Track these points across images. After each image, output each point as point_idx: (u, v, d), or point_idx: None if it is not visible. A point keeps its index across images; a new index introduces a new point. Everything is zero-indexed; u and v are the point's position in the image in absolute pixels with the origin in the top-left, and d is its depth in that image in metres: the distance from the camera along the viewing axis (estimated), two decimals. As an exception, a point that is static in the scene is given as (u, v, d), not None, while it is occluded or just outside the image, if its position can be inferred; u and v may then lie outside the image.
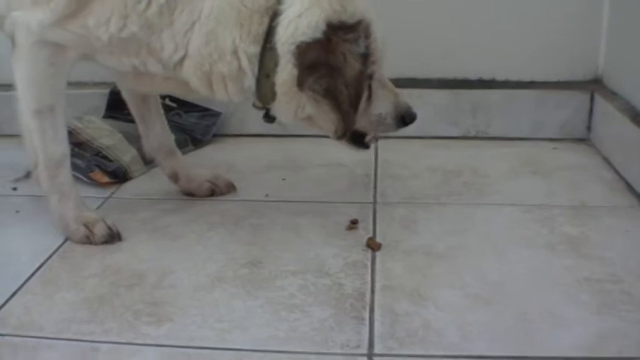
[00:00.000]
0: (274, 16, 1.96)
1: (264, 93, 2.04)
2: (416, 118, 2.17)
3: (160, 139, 2.49)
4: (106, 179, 2.65)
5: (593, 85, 2.99)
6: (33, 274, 2.00)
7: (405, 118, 2.15)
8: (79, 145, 2.75)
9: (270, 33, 1.96)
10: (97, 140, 2.81)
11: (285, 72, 1.96)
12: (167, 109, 2.59)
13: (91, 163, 2.69)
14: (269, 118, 2.16)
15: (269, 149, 3.00)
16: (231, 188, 2.56)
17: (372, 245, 2.12)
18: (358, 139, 2.19)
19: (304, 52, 1.93)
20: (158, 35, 1.97)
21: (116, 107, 3.02)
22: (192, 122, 3.07)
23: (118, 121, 2.96)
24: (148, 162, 2.73)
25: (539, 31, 2.97)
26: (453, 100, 3.06)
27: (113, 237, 2.17)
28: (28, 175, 2.57)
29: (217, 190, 2.53)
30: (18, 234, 2.26)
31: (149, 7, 1.94)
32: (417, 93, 3.02)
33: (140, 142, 2.57)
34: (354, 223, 2.27)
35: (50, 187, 2.16)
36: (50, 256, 2.10)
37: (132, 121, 2.69)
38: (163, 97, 2.52)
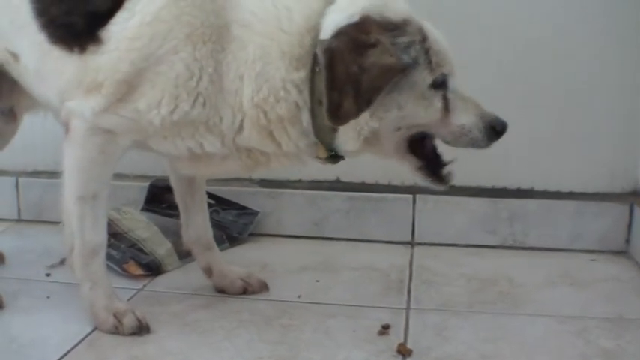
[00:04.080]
0: (317, 36, 1.93)
1: (320, 125, 1.97)
2: (507, 128, 1.99)
3: (199, 231, 2.50)
4: (139, 271, 2.66)
5: (632, 197, 2.97)
6: (59, 361, 2.00)
7: (496, 127, 1.99)
8: (114, 235, 2.77)
9: (316, 54, 1.92)
10: (133, 232, 2.84)
11: None
12: (205, 205, 2.62)
13: (126, 254, 2.71)
14: (333, 157, 2.08)
15: (304, 250, 3.00)
16: (263, 287, 2.54)
17: (403, 351, 2.08)
18: (436, 170, 2.09)
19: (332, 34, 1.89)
20: (214, 108, 2.00)
21: (154, 201, 3.07)
22: (230, 220, 3.09)
23: (156, 214, 3.00)
24: (183, 256, 2.74)
25: (579, 142, 2.98)
26: (490, 208, 3.05)
27: (142, 329, 2.16)
28: (62, 262, 2.60)
29: (250, 288, 2.51)
30: (47, 319, 2.26)
31: (201, 80, 1.97)
32: (455, 201, 3.04)
33: (176, 237, 2.58)
34: (385, 328, 2.23)
35: (83, 274, 2.16)
36: (77, 344, 2.09)
37: (169, 215, 2.71)
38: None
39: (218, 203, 3.12)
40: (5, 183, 3.31)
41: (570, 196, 3.02)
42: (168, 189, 2.58)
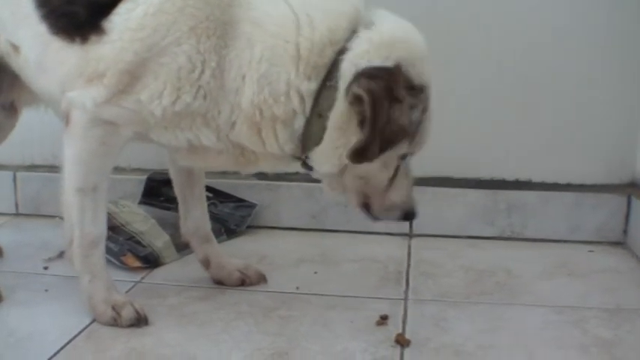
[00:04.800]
0: (340, 52, 1.94)
1: (311, 134, 1.99)
2: (415, 218, 2.17)
3: (197, 223, 2.50)
4: (137, 264, 2.66)
5: (630, 189, 2.97)
6: (57, 353, 1.99)
7: (409, 215, 2.15)
8: (112, 228, 2.76)
9: (333, 68, 1.94)
10: (131, 225, 2.83)
11: (343, 104, 1.93)
12: (203, 198, 2.62)
13: (124, 247, 2.71)
14: (307, 165, 2.11)
15: (302, 242, 3.00)
16: (261, 279, 2.54)
17: (401, 341, 2.08)
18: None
19: (366, 69, 1.90)
20: (215, 101, 2.00)
21: (152, 194, 3.06)
22: (227, 212, 3.09)
23: (153, 207, 3.00)
24: (181, 249, 2.74)
25: (577, 134, 2.99)
26: (489, 200, 3.05)
27: (140, 321, 2.16)
28: (60, 255, 2.61)
29: (247, 280, 2.51)
30: (45, 312, 2.26)
31: (203, 74, 1.96)
32: (454, 192, 3.04)
33: (173, 229, 2.58)
34: (383, 319, 2.23)
35: (82, 266, 2.16)
36: (76, 336, 2.09)
37: (167, 208, 2.70)
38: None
39: (216, 196, 3.11)
40: (3, 177, 3.30)
41: (568, 187, 3.03)
42: (165, 182, 2.57)
